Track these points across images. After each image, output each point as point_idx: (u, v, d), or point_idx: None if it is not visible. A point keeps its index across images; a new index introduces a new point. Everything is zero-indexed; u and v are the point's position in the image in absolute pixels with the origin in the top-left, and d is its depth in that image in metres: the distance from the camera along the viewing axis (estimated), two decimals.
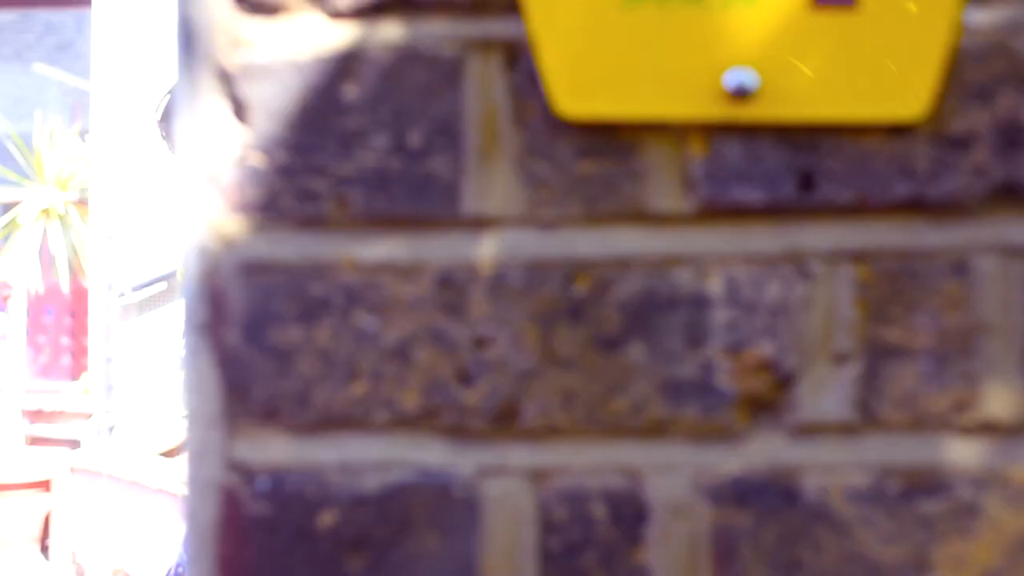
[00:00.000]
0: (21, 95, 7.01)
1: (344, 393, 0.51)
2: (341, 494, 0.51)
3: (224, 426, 0.51)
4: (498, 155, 0.51)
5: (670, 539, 0.51)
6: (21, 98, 6.94)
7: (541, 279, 0.51)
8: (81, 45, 6.86)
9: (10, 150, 5.19)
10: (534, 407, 0.51)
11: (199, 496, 0.52)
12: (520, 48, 0.51)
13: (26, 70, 7.14)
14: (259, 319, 0.51)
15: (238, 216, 0.51)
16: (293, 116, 0.51)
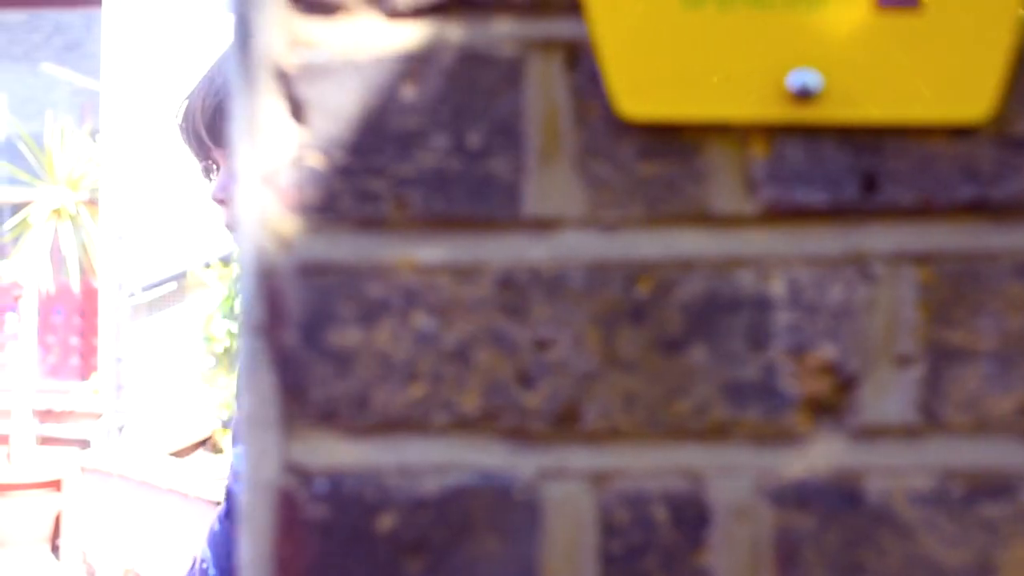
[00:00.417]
0: (29, 95, 7.02)
1: (403, 395, 0.51)
2: (400, 497, 0.51)
3: (281, 428, 0.51)
4: (559, 156, 0.50)
5: (732, 542, 0.50)
6: (30, 98, 6.95)
7: (602, 281, 0.50)
8: (89, 45, 6.87)
9: (21, 150, 5.19)
10: (595, 409, 0.51)
11: (256, 499, 0.51)
12: (581, 48, 0.50)
13: (34, 70, 7.15)
14: (317, 320, 0.51)
15: (295, 217, 0.51)
16: (352, 116, 0.51)
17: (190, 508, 4.14)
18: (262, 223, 0.51)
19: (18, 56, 7.30)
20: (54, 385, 5.33)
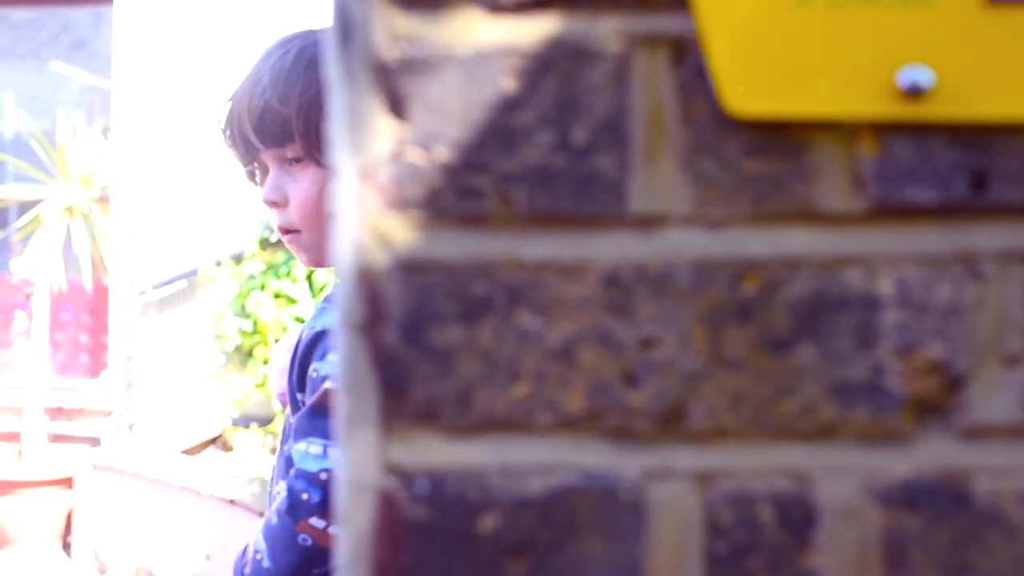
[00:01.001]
0: (36, 93, 7.01)
1: (506, 394, 0.50)
2: (503, 497, 0.50)
3: (381, 428, 0.51)
4: (665, 153, 0.50)
5: (839, 543, 0.50)
6: (36, 96, 6.94)
7: (709, 279, 0.50)
8: (97, 43, 6.86)
9: (30, 148, 5.19)
10: (701, 409, 0.50)
11: (354, 500, 0.51)
12: (687, 44, 0.50)
13: (41, 68, 7.14)
14: (418, 319, 0.50)
15: (396, 214, 0.50)
16: (454, 112, 0.50)
17: (203, 506, 4.13)
18: (362, 220, 0.50)
19: (24, 54, 7.29)
20: (64, 383, 5.33)
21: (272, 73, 1.07)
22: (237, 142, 1.10)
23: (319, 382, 1.01)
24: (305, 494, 0.98)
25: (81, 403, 5.16)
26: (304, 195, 1.07)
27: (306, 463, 0.99)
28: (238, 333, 5.06)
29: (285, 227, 1.10)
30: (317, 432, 0.99)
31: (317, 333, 1.03)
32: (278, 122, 1.05)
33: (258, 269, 5.11)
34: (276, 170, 1.09)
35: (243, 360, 5.16)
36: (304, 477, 0.98)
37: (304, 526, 0.98)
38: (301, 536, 0.98)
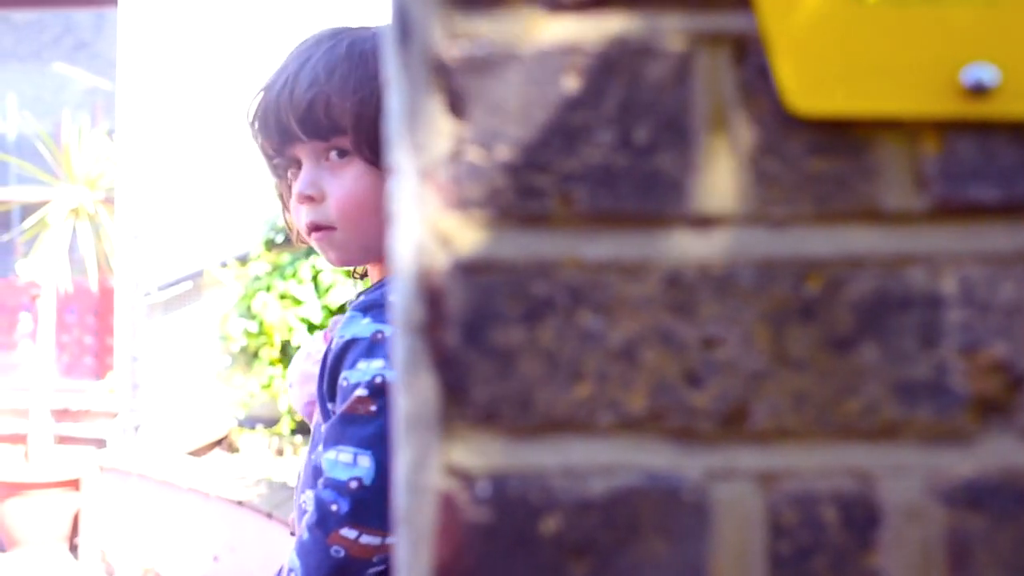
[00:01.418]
0: (38, 95, 7.01)
1: (568, 395, 0.50)
2: (565, 499, 0.50)
3: (441, 430, 0.50)
4: (727, 152, 0.50)
5: (903, 543, 0.49)
6: (39, 98, 6.94)
7: (772, 278, 0.50)
8: (99, 45, 6.86)
9: (36, 149, 5.18)
10: (764, 409, 0.50)
11: (415, 502, 0.50)
12: (750, 42, 0.49)
13: (43, 70, 7.14)
14: (479, 319, 0.50)
15: (456, 214, 0.50)
16: (514, 110, 0.50)
17: (210, 507, 4.13)
18: (422, 221, 0.50)
19: (26, 56, 7.29)
20: (69, 384, 5.32)
21: (326, 64, 1.04)
22: (272, 133, 1.07)
23: (349, 390, 0.99)
24: (334, 505, 0.96)
25: (87, 405, 5.16)
26: (346, 191, 1.05)
27: (335, 471, 0.97)
28: (244, 334, 5.06)
29: (319, 223, 1.07)
30: (347, 440, 0.98)
31: (347, 341, 1.01)
32: (330, 114, 1.03)
33: (264, 270, 5.10)
34: (312, 164, 1.07)
35: (249, 361, 5.16)
36: (333, 486, 0.97)
37: (336, 538, 0.96)
38: (333, 548, 0.97)
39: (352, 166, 1.05)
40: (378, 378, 0.97)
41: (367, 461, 0.96)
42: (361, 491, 0.96)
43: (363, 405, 0.97)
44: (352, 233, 1.06)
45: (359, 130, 1.03)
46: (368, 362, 0.99)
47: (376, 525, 0.96)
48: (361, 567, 0.98)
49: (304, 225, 1.08)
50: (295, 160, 1.09)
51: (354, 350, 1.00)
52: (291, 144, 1.07)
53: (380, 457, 0.96)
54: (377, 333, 1.00)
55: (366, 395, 0.97)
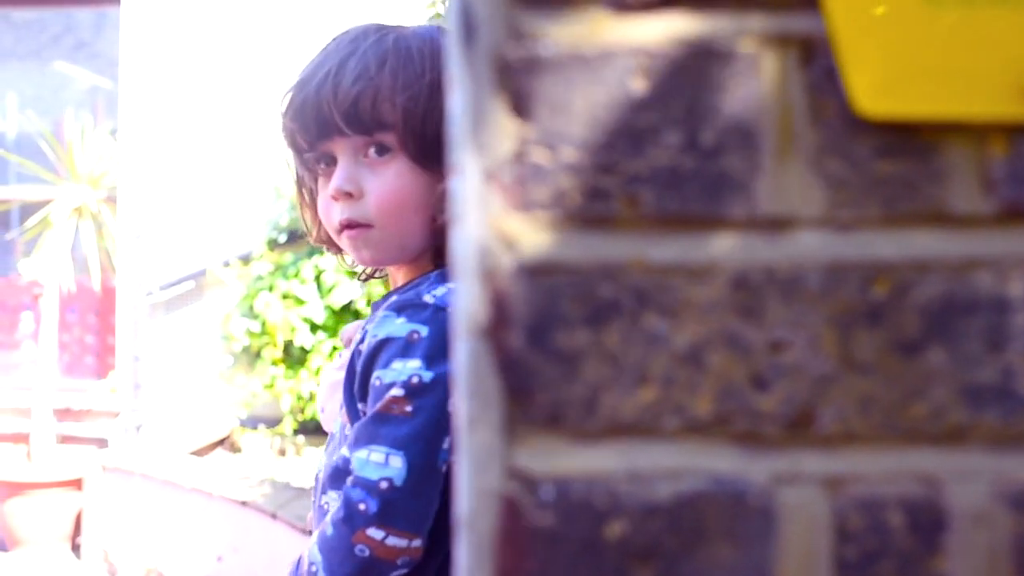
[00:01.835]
0: (38, 94, 7.00)
1: (633, 399, 0.50)
2: (630, 503, 0.49)
3: (505, 433, 0.50)
4: (793, 154, 0.49)
5: (970, 548, 0.49)
6: (39, 97, 6.92)
7: (839, 281, 0.49)
8: (98, 44, 6.84)
9: (39, 147, 5.17)
10: (831, 413, 0.49)
11: (478, 505, 0.50)
12: (817, 44, 0.49)
13: (43, 69, 7.13)
14: (544, 322, 0.50)
15: (521, 215, 0.50)
16: (580, 111, 0.49)
17: (214, 507, 4.12)
18: (486, 222, 0.50)
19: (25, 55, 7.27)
20: (71, 384, 5.31)
21: (375, 57, 1.03)
22: (310, 126, 1.05)
23: (383, 390, 0.98)
24: (363, 504, 0.95)
25: (88, 404, 5.15)
26: (387, 188, 1.03)
27: (366, 471, 0.96)
28: (246, 334, 5.05)
29: (355, 220, 1.05)
30: (381, 440, 0.96)
31: (380, 341, 1.00)
32: (377, 109, 1.02)
33: (266, 270, 5.10)
34: (350, 160, 1.05)
35: (251, 361, 5.16)
36: (363, 486, 0.96)
37: (361, 536, 0.95)
38: (358, 547, 0.96)
39: (393, 163, 1.04)
40: (415, 378, 0.96)
41: (399, 462, 0.95)
42: (391, 492, 0.95)
43: (398, 405, 0.97)
44: (390, 231, 1.05)
45: (407, 127, 1.02)
46: (404, 362, 0.98)
47: (404, 527, 0.95)
48: (385, 568, 0.97)
49: (338, 222, 1.06)
50: (329, 155, 1.07)
51: (388, 349, 0.99)
52: (328, 138, 1.05)
53: (413, 459, 0.95)
54: (413, 333, 0.99)
55: (402, 395, 0.96)
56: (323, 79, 1.04)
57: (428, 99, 1.03)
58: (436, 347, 0.98)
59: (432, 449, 0.96)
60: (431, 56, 1.05)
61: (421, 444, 0.96)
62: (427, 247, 1.08)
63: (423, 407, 0.96)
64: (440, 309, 1.00)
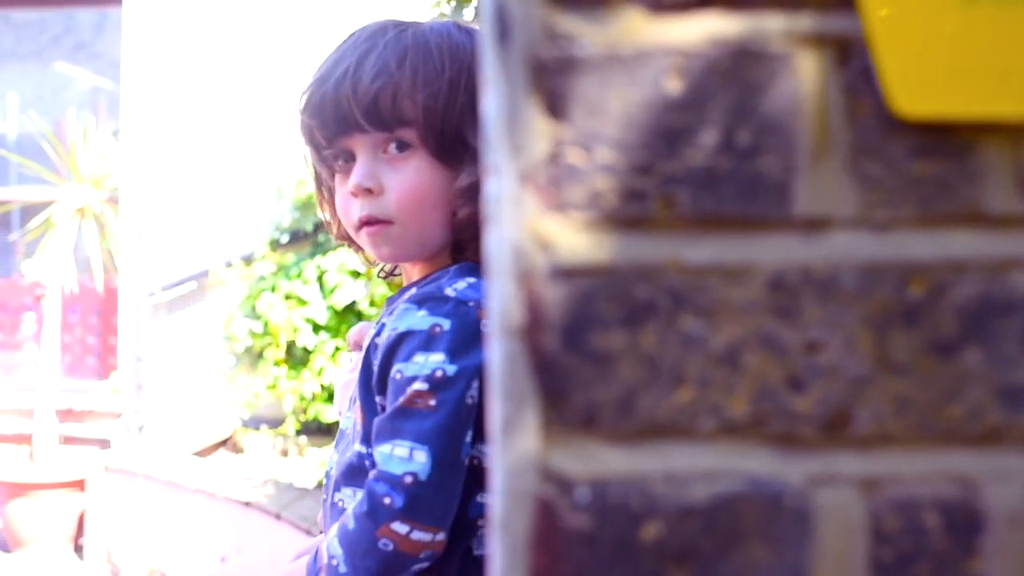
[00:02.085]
0: (38, 94, 6.99)
1: (669, 400, 0.49)
2: (667, 505, 0.49)
3: (540, 434, 0.50)
4: (829, 154, 0.49)
5: (1006, 550, 0.49)
6: (39, 97, 6.92)
7: (875, 282, 0.49)
8: (98, 45, 6.84)
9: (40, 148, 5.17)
10: (867, 414, 0.49)
11: (512, 507, 0.50)
12: (853, 44, 0.49)
13: (43, 70, 7.12)
14: (579, 323, 0.50)
15: (556, 216, 0.49)
16: (615, 111, 0.49)
17: (217, 508, 4.12)
18: (521, 223, 0.50)
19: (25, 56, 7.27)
20: (73, 384, 5.31)
21: (395, 53, 1.03)
22: (329, 122, 1.04)
23: (404, 384, 0.97)
24: (387, 498, 0.95)
25: (90, 405, 5.14)
26: (407, 185, 1.03)
27: (390, 465, 0.96)
28: (248, 334, 5.05)
29: (374, 217, 1.04)
30: (404, 434, 0.96)
31: (401, 334, 0.99)
32: (397, 105, 1.01)
33: (268, 270, 5.09)
34: (369, 156, 1.04)
35: (253, 362, 5.15)
36: (387, 480, 0.96)
37: (385, 531, 0.95)
38: (382, 541, 0.96)
39: (413, 159, 1.04)
40: (438, 372, 0.96)
41: (423, 456, 0.95)
42: (416, 486, 0.95)
43: (422, 399, 0.96)
44: (410, 227, 1.05)
45: (427, 123, 1.02)
46: (426, 355, 0.97)
47: (429, 522, 0.95)
48: (408, 562, 0.97)
49: (357, 218, 1.06)
50: (347, 152, 1.07)
51: (409, 343, 0.99)
52: (347, 135, 1.05)
53: (437, 453, 0.95)
54: (435, 326, 0.98)
55: (425, 389, 0.96)
56: (342, 76, 1.03)
57: (448, 95, 1.03)
58: (459, 341, 0.97)
59: (456, 443, 0.96)
60: (450, 52, 1.05)
61: (445, 438, 0.96)
62: (446, 242, 1.07)
63: (447, 400, 0.96)
64: (461, 303, 0.99)
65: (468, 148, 1.03)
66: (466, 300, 0.99)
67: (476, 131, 1.02)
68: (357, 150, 1.05)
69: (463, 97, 1.03)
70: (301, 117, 1.09)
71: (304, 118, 1.08)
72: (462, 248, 1.06)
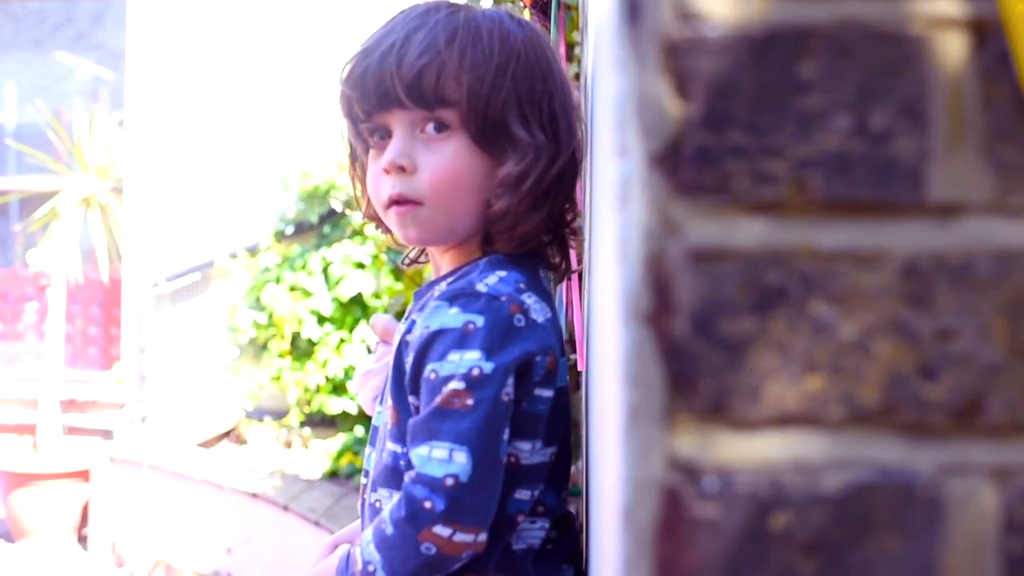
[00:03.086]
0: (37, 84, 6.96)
1: (798, 387, 0.49)
2: (796, 494, 0.48)
3: (667, 422, 0.49)
4: (964, 139, 0.48)
5: None
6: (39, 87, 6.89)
7: (1010, 269, 0.48)
8: (98, 35, 6.80)
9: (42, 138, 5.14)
10: (999, 402, 0.48)
11: (637, 496, 0.49)
12: (990, 28, 0.48)
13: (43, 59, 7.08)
14: (709, 309, 0.49)
15: (686, 200, 0.49)
16: (746, 93, 0.48)
17: (224, 499, 4.11)
18: (650, 206, 0.49)
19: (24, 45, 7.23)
20: (75, 375, 5.29)
21: (444, 32, 1.00)
22: (370, 96, 1.01)
23: (439, 383, 0.95)
24: (428, 502, 0.92)
25: (93, 395, 5.12)
26: (443, 166, 1.01)
27: (429, 468, 0.93)
28: (252, 326, 5.03)
29: (404, 196, 1.02)
30: (443, 435, 0.93)
31: (433, 332, 0.96)
32: (441, 84, 0.99)
33: (273, 262, 5.08)
34: (406, 134, 1.02)
35: (257, 353, 5.14)
36: (426, 483, 0.93)
37: (427, 535, 0.93)
38: (424, 545, 0.93)
39: (451, 141, 1.01)
40: (475, 370, 0.93)
41: (463, 457, 0.92)
42: (457, 488, 0.92)
43: (459, 398, 0.93)
44: (441, 211, 1.02)
45: (471, 106, 0.99)
46: (461, 353, 0.94)
47: (471, 523, 0.93)
48: (450, 563, 0.95)
49: (387, 196, 1.03)
50: (384, 128, 1.04)
51: (442, 341, 0.96)
52: (386, 110, 1.02)
53: (477, 453, 0.93)
54: (469, 323, 0.95)
55: (462, 388, 0.93)
56: (388, 49, 1.01)
57: (494, 80, 1.00)
58: (494, 337, 0.95)
59: (495, 441, 0.94)
60: (500, 39, 1.03)
61: (485, 437, 0.93)
62: (476, 231, 1.05)
63: (484, 399, 0.93)
64: (494, 298, 0.96)
65: (510, 137, 1.01)
66: (498, 295, 0.96)
67: (519, 120, 1.01)
68: (394, 126, 1.03)
69: (509, 84, 1.01)
70: (341, 88, 1.06)
71: (344, 89, 1.05)
72: (492, 239, 1.04)
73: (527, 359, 0.95)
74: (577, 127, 1.05)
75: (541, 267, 1.06)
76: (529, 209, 1.00)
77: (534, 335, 0.96)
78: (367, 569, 0.97)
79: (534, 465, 0.99)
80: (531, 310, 0.97)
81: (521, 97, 1.01)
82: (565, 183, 1.03)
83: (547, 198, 1.01)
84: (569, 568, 1.06)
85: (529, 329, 0.96)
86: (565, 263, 1.09)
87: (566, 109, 1.04)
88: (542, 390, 0.97)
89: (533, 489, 1.00)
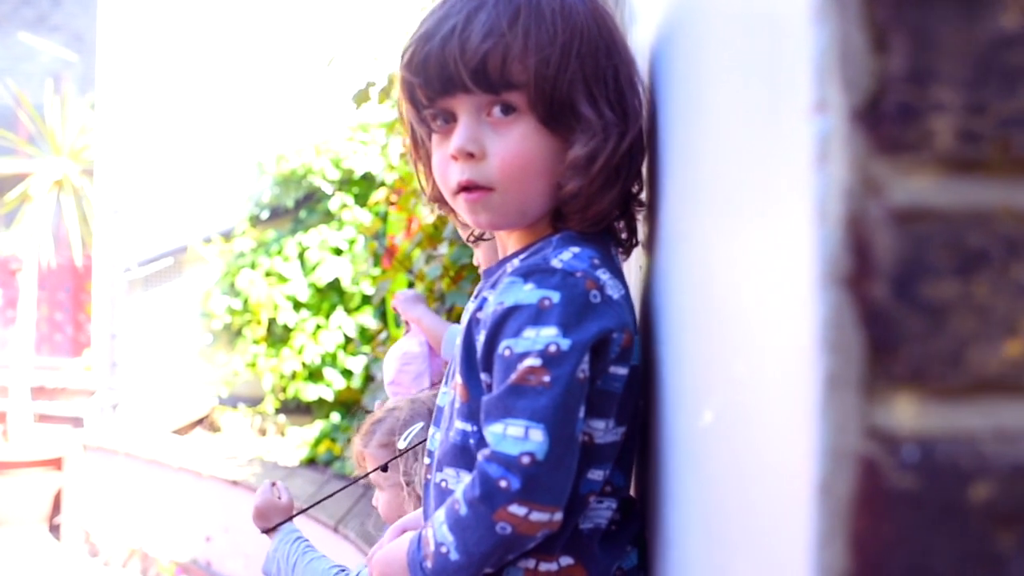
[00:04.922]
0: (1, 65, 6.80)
1: (1000, 354, 0.47)
2: (998, 464, 0.47)
3: (865, 390, 0.47)
4: None
5: None
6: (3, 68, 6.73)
7: None
8: (56, 16, 6.67)
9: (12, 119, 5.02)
10: None
11: (834, 468, 0.47)
12: None
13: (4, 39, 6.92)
14: (910, 271, 0.47)
15: (887, 158, 0.46)
16: (950, 48, 0.46)
17: (202, 487, 4.05)
18: (850, 165, 0.46)
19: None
20: (45, 362, 5.19)
21: (507, 13, 0.98)
22: (433, 81, 0.99)
23: (515, 360, 0.92)
24: (504, 481, 0.90)
25: (63, 383, 5.03)
26: (512, 151, 0.98)
27: (504, 446, 0.91)
28: (227, 312, 4.97)
29: (474, 183, 1.00)
30: (518, 413, 0.91)
31: (508, 308, 0.94)
32: (507, 67, 0.96)
33: (248, 247, 5.01)
34: (472, 119, 1.00)
35: (231, 339, 5.07)
36: (501, 462, 0.91)
37: (503, 515, 0.91)
38: (500, 525, 0.91)
39: (519, 124, 0.99)
40: (552, 346, 0.91)
41: (540, 435, 0.90)
42: (534, 466, 0.90)
43: (535, 375, 0.91)
44: (512, 196, 1.00)
45: (538, 88, 0.97)
46: (536, 329, 0.92)
47: (547, 501, 0.91)
48: (525, 542, 0.93)
49: (456, 183, 1.01)
50: (448, 112, 1.02)
51: (517, 317, 0.94)
52: (451, 95, 0.99)
53: (554, 430, 0.91)
54: (544, 299, 0.93)
55: (539, 365, 0.91)
56: (449, 33, 0.98)
57: (560, 60, 0.98)
58: (570, 313, 0.93)
59: (571, 419, 0.92)
60: (563, 16, 1.00)
61: (561, 415, 0.91)
62: (546, 211, 1.03)
63: (561, 376, 0.91)
64: (569, 274, 0.94)
65: (578, 117, 0.98)
66: (573, 271, 0.94)
67: (586, 99, 0.98)
68: (459, 111, 1.00)
69: (575, 63, 0.98)
70: (402, 73, 1.04)
71: (406, 75, 1.02)
72: (564, 217, 1.02)
73: (604, 336, 0.93)
74: (643, 98, 1.03)
75: (612, 243, 1.04)
76: (601, 189, 0.98)
77: (610, 311, 0.94)
78: (440, 551, 0.95)
79: (607, 444, 0.97)
80: (606, 286, 0.95)
81: (587, 75, 0.99)
82: (635, 159, 1.01)
83: (618, 176, 0.99)
84: (633, 550, 1.04)
85: (605, 305, 0.94)
86: (634, 238, 1.07)
87: (632, 81, 1.02)
88: (617, 368, 0.95)
89: (604, 469, 0.98)
